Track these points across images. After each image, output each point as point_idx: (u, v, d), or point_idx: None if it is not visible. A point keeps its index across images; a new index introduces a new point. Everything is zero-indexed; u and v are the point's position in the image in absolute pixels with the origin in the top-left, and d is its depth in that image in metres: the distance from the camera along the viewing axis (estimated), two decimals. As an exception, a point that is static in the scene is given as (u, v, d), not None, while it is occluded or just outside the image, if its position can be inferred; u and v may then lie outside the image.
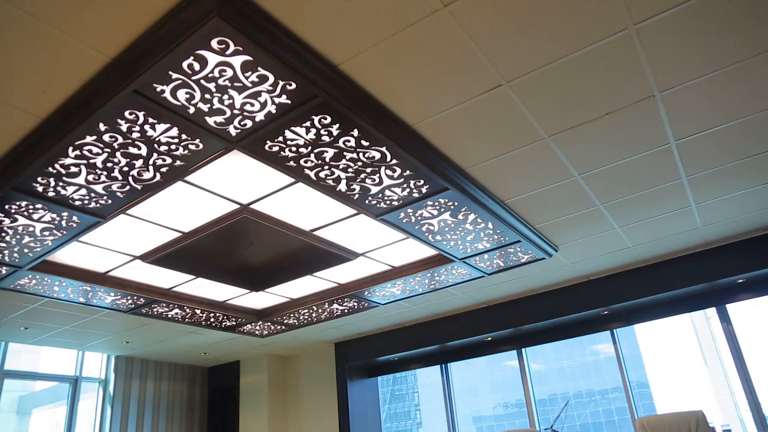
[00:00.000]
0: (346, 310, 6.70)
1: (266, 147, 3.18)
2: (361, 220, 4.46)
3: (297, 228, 4.55)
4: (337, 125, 3.03)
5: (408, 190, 3.82)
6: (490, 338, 7.46)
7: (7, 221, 3.93)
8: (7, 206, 3.71)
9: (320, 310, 6.65)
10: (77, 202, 3.70)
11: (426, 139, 3.38)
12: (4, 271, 4.80)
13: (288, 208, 4.22)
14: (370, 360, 8.31)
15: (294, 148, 3.21)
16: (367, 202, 3.94)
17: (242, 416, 9.01)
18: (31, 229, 4.05)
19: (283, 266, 5.33)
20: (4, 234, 4.12)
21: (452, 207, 4.14)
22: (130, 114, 2.84)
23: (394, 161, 3.45)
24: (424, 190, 3.84)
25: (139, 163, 3.28)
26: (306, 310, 6.61)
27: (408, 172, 3.60)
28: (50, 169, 3.30)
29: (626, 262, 6.05)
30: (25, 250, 4.41)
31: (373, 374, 8.78)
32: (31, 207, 3.74)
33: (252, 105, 2.82)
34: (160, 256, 4.81)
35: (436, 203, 4.05)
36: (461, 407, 7.87)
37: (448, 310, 7.25)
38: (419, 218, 4.27)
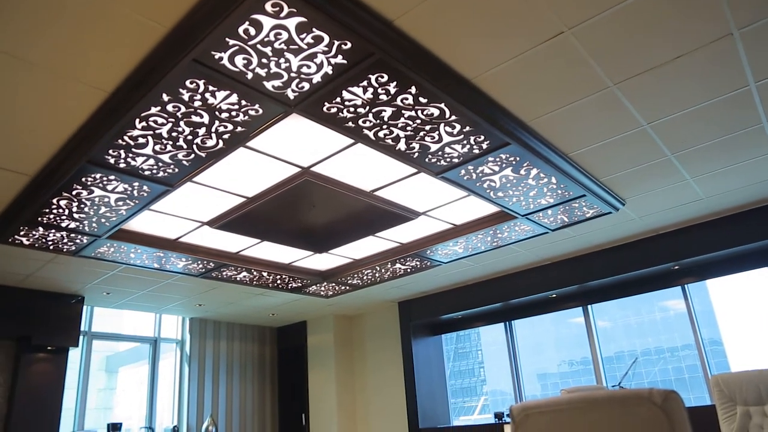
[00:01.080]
0: (408, 270, 6.76)
1: (324, 109, 3.18)
2: (422, 179, 4.44)
3: (358, 189, 4.58)
4: (395, 83, 3.00)
5: (468, 146, 3.76)
6: (554, 295, 7.37)
7: (84, 193, 4.13)
8: (83, 179, 3.90)
9: (383, 270, 6.73)
10: (146, 172, 3.84)
11: (485, 93, 3.30)
12: (85, 240, 5.09)
13: (348, 170, 4.25)
14: (433, 318, 8.39)
15: (352, 109, 3.21)
16: (426, 160, 3.91)
17: (311, 374, 9.34)
18: (106, 199, 4.25)
19: (345, 228, 5.40)
20: (82, 205, 4.34)
21: (514, 162, 4.05)
22: (191, 83, 2.90)
23: (454, 117, 3.39)
24: (484, 145, 3.77)
25: (202, 131, 3.36)
26: (369, 271, 6.71)
27: (468, 128, 3.53)
28: (120, 141, 3.43)
29: (698, 215, 5.79)
30: (102, 220, 4.64)
31: (436, 332, 8.87)
32: (105, 179, 3.91)
33: (308, 67, 2.81)
34: (226, 222, 4.97)
35: (497, 159, 3.98)
36: (525, 365, 7.88)
37: (511, 268, 7.19)
38: (480, 175, 4.21)
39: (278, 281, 6.87)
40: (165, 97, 3.01)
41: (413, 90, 3.08)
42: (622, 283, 6.97)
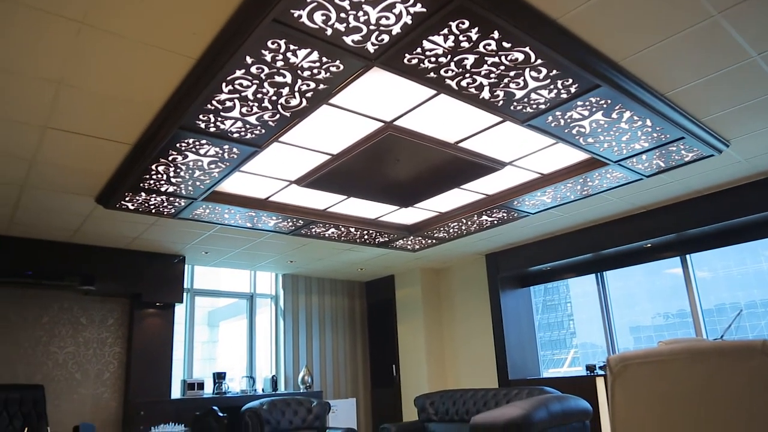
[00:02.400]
0: (495, 221, 6.67)
1: (405, 60, 3.13)
2: (507, 128, 4.32)
3: (442, 141, 4.52)
4: (476, 29, 2.89)
5: (555, 91, 3.60)
6: (649, 245, 7.04)
7: (180, 158, 4.34)
8: (178, 144, 4.09)
9: (469, 223, 6.68)
10: (235, 135, 3.97)
11: (572, 33, 3.12)
12: (182, 203, 5.37)
13: (431, 122, 4.20)
14: (521, 270, 8.28)
15: (433, 59, 3.13)
16: (512, 107, 3.78)
17: (400, 326, 9.53)
18: (199, 163, 4.44)
19: (430, 181, 5.37)
20: (178, 170, 4.57)
21: (605, 106, 3.85)
22: (273, 43, 2.92)
23: (539, 61, 3.24)
24: (572, 89, 3.59)
25: (285, 90, 3.40)
26: (455, 223, 6.68)
27: (554, 72, 3.37)
28: (209, 106, 3.55)
29: (815, 152, 5.29)
30: (197, 183, 4.87)
31: (525, 284, 8.76)
32: (197, 143, 4.08)
33: (387, 18, 2.76)
34: (313, 179, 5.07)
35: (587, 103, 3.79)
36: (617, 317, 7.65)
37: (603, 217, 6.92)
38: (569, 121, 4.03)
39: (365, 236, 6.99)
40: (248, 60, 3.06)
41: (496, 35, 2.96)
42: (724, 232, 6.54)
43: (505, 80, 3.43)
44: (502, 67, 3.28)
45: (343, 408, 8.49)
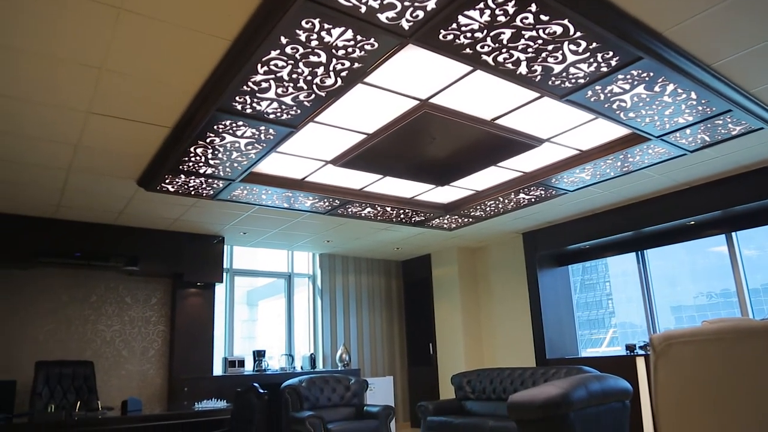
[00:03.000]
0: (532, 199, 6.58)
1: (440, 37, 3.08)
2: (545, 104, 4.24)
3: (478, 118, 4.46)
4: (513, 2, 2.82)
5: (595, 64, 3.50)
6: (692, 222, 6.85)
7: (217, 140, 4.39)
8: (215, 126, 4.14)
9: (506, 201, 6.61)
10: (271, 116, 3.99)
11: (613, 3, 3.01)
12: (221, 185, 5.45)
13: (467, 99, 4.14)
14: (559, 249, 8.18)
15: (469, 34, 3.08)
16: (550, 83, 3.70)
17: (436, 305, 9.55)
18: (237, 145, 4.49)
19: (466, 159, 5.32)
20: (216, 152, 4.63)
21: (647, 78, 3.73)
22: (307, 23, 2.91)
23: (578, 34, 3.15)
24: (613, 62, 3.49)
25: (320, 70, 3.40)
26: (492, 202, 6.62)
27: (594, 45, 3.28)
28: (245, 87, 3.57)
29: None
30: (235, 164, 4.93)
31: (563, 263, 8.65)
32: (234, 125, 4.12)
33: (422, -6, 2.72)
34: (348, 159, 5.08)
35: (628, 76, 3.68)
36: (658, 296, 7.49)
37: (644, 194, 6.75)
38: (609, 95, 3.93)
39: (402, 215, 6.99)
40: (283, 40, 3.06)
41: (533, 7, 2.88)
42: (773, 207, 6.32)
43: (543, 54, 3.35)
44: (540, 41, 3.20)
45: (380, 386, 8.59)
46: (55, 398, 5.84)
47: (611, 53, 3.37)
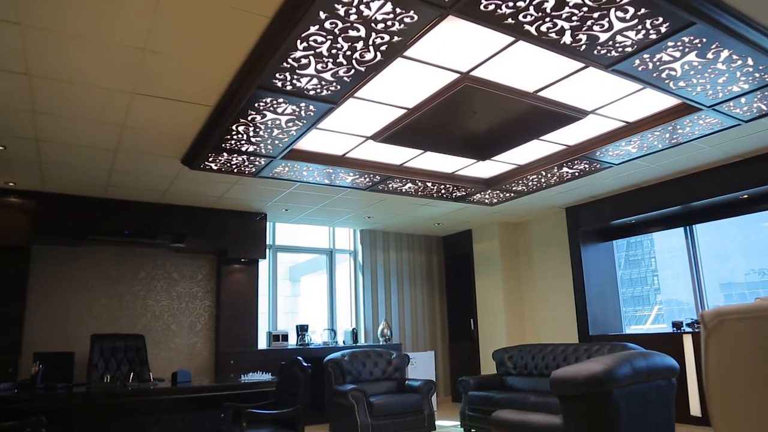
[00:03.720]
0: (576, 173, 6.44)
1: (481, 7, 3.01)
2: (590, 74, 4.11)
3: (520, 91, 4.37)
4: (558, -31, 2.73)
5: (643, 32, 3.37)
6: (745, 196, 6.57)
7: (258, 118, 4.43)
8: (256, 104, 4.17)
9: (549, 175, 6.49)
10: (311, 92, 3.99)
11: (665, -33, 2.89)
12: (262, 162, 5.52)
13: (509, 71, 4.06)
14: (604, 224, 8.01)
15: (511, 3, 3.00)
16: (595, 52, 3.59)
17: (477, 280, 9.51)
18: (277, 122, 4.52)
19: (508, 132, 5.23)
20: (258, 129, 4.67)
21: (699, 45, 3.57)
22: (346, -4, 2.89)
23: (625, 0, 3.03)
24: (663, 29, 3.35)
25: (359, 45, 3.37)
26: (534, 176, 6.51)
27: (643, 11, 3.15)
28: (284, 64, 3.58)
29: None
30: (276, 142, 4.97)
31: (607, 238, 8.47)
32: (275, 102, 4.14)
33: (463, -37, 2.66)
34: (389, 134, 5.06)
35: (679, 43, 3.53)
36: (707, 273, 7.26)
37: (693, 167, 6.52)
38: (658, 63, 3.78)
39: (442, 191, 6.95)
40: (322, 15, 3.04)
41: (579, -26, 2.79)
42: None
43: (588, 23, 3.24)
44: (585, 9, 3.10)
45: (421, 360, 8.65)
46: (109, 369, 6.09)
47: (660, 19, 3.24)
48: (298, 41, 3.30)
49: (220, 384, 5.21)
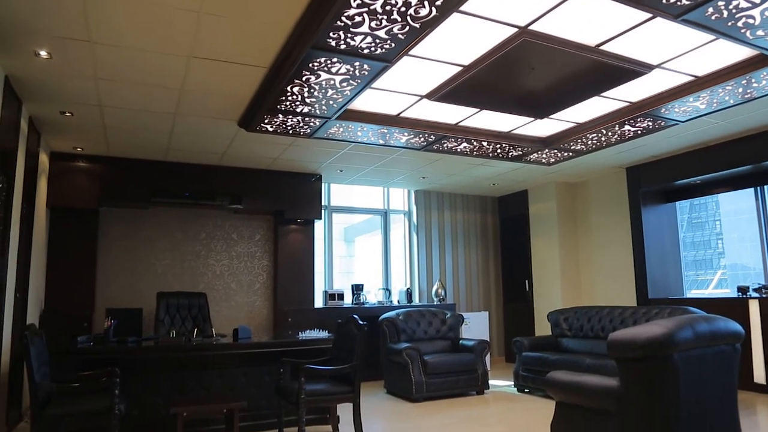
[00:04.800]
0: (639, 131, 6.19)
1: (542, -43, 2.88)
2: (657, 25, 3.89)
3: (581, 45, 4.19)
4: None
5: (718, -23, 3.15)
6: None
7: (312, 78, 4.42)
8: (310, 64, 4.16)
9: (610, 133, 6.26)
10: (365, 50, 3.95)
11: None
12: (317, 123, 5.54)
13: (570, 24, 3.88)
14: (666, 184, 7.71)
15: (574, -48, 2.85)
16: (664, 0, 3.38)
17: (533, 241, 9.39)
18: (332, 82, 4.51)
19: (567, 89, 5.05)
20: (312, 90, 4.68)
21: (780, -10, 3.31)
22: (401, -50, 2.81)
23: (700, -56, 2.84)
24: (740, -27, 3.12)
25: (414, 0, 3.29)
26: (594, 134, 6.29)
27: (718, -45, 2.94)
28: (338, 23, 3.53)
29: None
30: (330, 102, 4.97)
31: (670, 200, 8.16)
32: (329, 62, 4.12)
33: None
34: (444, 93, 4.97)
35: (758, -12, 3.28)
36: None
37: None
38: (734, 11, 3.53)
39: (498, 150, 6.82)
40: (377, -30, 2.98)
41: None
42: None
43: (658, -31, 3.06)
44: (655, -45, 2.92)
45: (475, 321, 8.67)
46: (175, 325, 6.38)
47: (738, -37, 3.02)
48: (352, -2, 3.25)
49: (279, 340, 5.38)
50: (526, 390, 6.88)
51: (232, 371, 5.06)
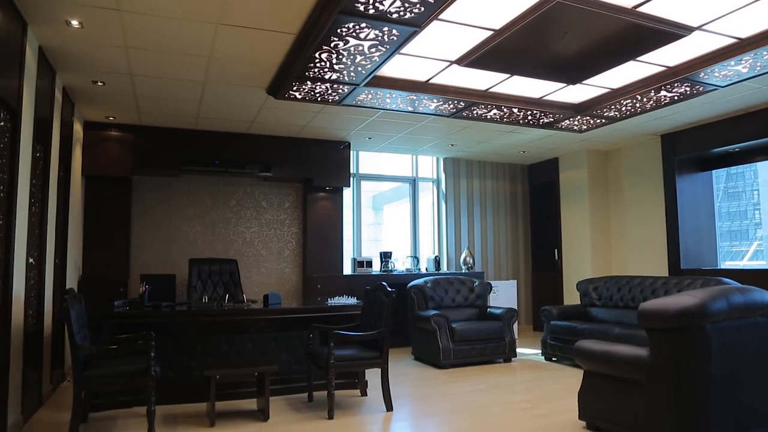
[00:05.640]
0: (675, 97, 6.00)
1: None
2: (697, -14, 3.74)
3: (617, 6, 4.04)
4: None
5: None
6: None
7: (341, 44, 4.38)
8: (339, 30, 4.11)
9: (645, 99, 6.09)
10: (394, 15, 3.88)
11: None
12: (346, 90, 5.50)
13: (605, -14, 3.76)
14: (703, 152, 7.50)
15: None
16: (706, -40, 3.24)
17: (563, 210, 9.28)
18: (360, 48, 4.46)
19: (601, 53, 4.90)
20: (340, 56, 4.63)
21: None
22: None
23: None
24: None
25: (445, -37, 3.22)
26: (628, 101, 6.13)
27: None
28: (367, -14, 3.47)
29: None
30: (359, 69, 4.92)
31: (706, 168, 7.95)
32: (357, 27, 4.07)
33: None
34: (474, 58, 4.87)
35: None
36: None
37: (813, 87, 5.91)
38: (780, -30, 3.37)
39: (529, 117, 6.70)
40: (406, -69, 2.90)
41: None
42: None
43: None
44: None
45: (503, 289, 8.66)
46: (207, 291, 6.51)
47: None
48: (381, -39, 3.19)
49: (309, 306, 5.46)
50: (553, 359, 6.88)
51: (262, 336, 5.17)
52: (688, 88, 5.71)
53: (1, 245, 3.60)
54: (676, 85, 5.59)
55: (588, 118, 6.79)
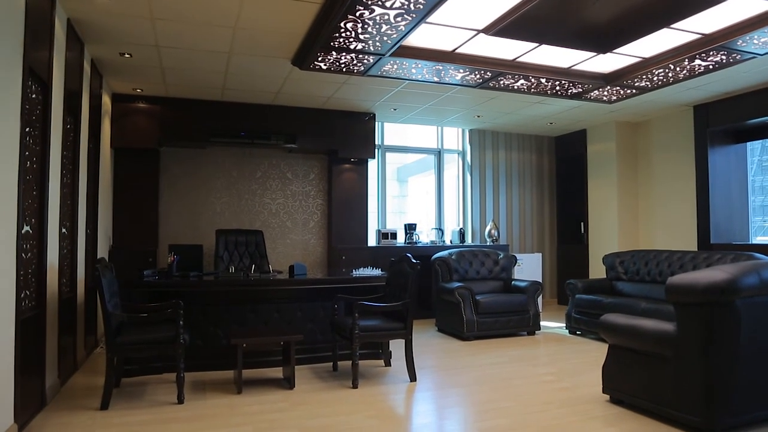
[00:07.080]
0: (710, 66, 5.81)
1: None
2: (737, -50, 3.59)
3: (651, -27, 3.92)
4: None
5: None
6: None
7: (366, 13, 4.32)
8: (364, -2, 4.05)
9: (678, 69, 5.91)
10: (421, -17, 3.81)
11: None
12: (371, 60, 5.45)
13: (639, -49, 3.62)
14: (737, 124, 7.28)
15: None
16: None
17: (590, 183, 9.15)
18: (386, 17, 4.39)
19: (633, 20, 4.75)
20: (366, 26, 4.57)
21: None
22: None
23: None
24: None
25: (473, -72, 3.13)
26: (660, 70, 5.96)
27: None
28: (393, -47, 3.41)
29: None
30: (384, 38, 4.86)
31: (740, 140, 7.72)
32: (382, -5, 4.00)
33: None
34: (502, 27, 4.77)
35: None
36: None
37: None
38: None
39: (557, 87, 6.57)
40: None
41: None
42: None
43: None
44: None
45: (528, 262, 8.62)
46: (233, 261, 6.61)
47: None
48: (407, -72, 3.12)
49: (334, 277, 5.51)
50: (577, 332, 6.86)
51: (288, 306, 5.24)
52: (724, 57, 5.53)
53: (35, 215, 3.69)
54: (711, 53, 5.41)
55: (618, 88, 6.63)
